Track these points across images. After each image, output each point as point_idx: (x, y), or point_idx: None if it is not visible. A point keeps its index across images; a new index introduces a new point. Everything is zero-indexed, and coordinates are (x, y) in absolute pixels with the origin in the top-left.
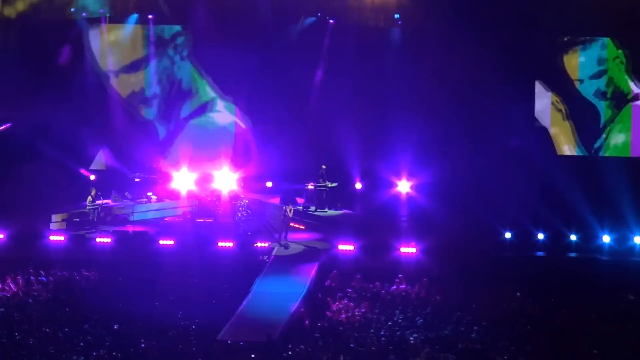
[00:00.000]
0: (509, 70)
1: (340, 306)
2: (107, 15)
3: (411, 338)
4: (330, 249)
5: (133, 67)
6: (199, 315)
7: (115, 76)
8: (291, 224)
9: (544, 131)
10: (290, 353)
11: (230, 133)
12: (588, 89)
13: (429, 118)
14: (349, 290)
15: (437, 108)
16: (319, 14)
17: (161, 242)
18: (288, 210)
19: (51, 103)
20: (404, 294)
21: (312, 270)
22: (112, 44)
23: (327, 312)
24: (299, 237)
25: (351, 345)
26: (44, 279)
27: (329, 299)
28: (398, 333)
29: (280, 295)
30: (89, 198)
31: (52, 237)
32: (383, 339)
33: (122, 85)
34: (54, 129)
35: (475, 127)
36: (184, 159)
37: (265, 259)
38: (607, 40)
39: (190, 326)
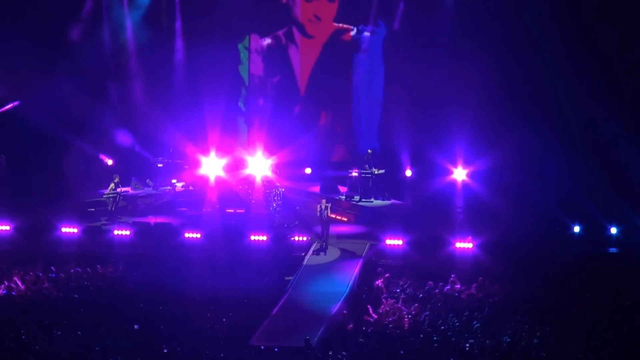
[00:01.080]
0: (572, 43)
1: (387, 308)
2: None
3: (467, 344)
4: (376, 244)
5: (157, 39)
6: (228, 317)
7: (137, 50)
8: (333, 216)
9: None
10: None
11: (265, 114)
12: None
13: (488, 97)
14: (397, 290)
15: (496, 86)
16: None
17: (187, 235)
18: (323, 207)
19: (64, 81)
20: (457, 294)
21: (355, 267)
22: (133, 15)
23: (373, 315)
24: (341, 230)
25: (400, 352)
26: (55, 275)
27: (378, 300)
28: (453, 339)
29: (320, 295)
30: (111, 185)
31: (64, 229)
32: (435, 344)
33: (145, 60)
34: (67, 109)
35: (539, 108)
36: (212, 142)
37: (302, 254)
38: None
39: (219, 329)
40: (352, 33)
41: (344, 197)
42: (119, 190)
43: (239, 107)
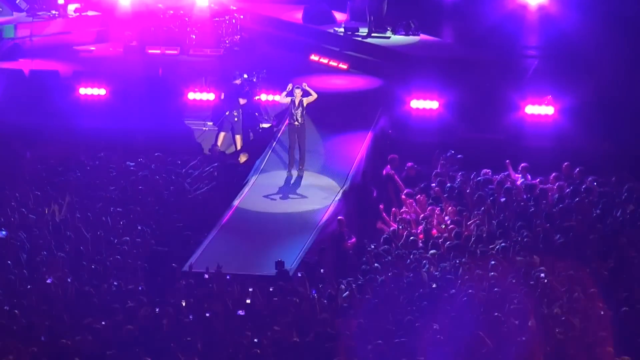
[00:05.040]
0: None
1: (412, 212)
2: None
3: (541, 273)
4: (394, 106)
5: None
6: (153, 226)
7: None
8: (325, 61)
9: None
10: (317, 295)
11: None
12: None
13: None
14: (432, 185)
15: None
16: None
17: (83, 90)
18: (297, 99)
19: None
20: (527, 189)
21: (359, 146)
22: None
23: (389, 223)
24: (338, 86)
25: (432, 285)
26: None
27: (397, 198)
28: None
29: (302, 190)
30: None
31: None
32: (492, 273)
33: None
34: None
35: None
36: None
37: (273, 124)
38: None
39: (137, 247)
40: None
41: (342, 29)
42: None
43: None
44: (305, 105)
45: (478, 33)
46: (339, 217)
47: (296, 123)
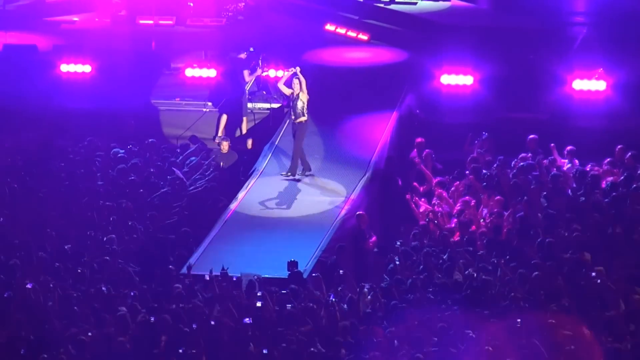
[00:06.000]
0: None
1: (444, 204)
2: None
3: (594, 274)
4: (422, 83)
5: None
6: (146, 222)
7: None
8: (342, 31)
9: None
10: (335, 300)
11: None
12: None
13: None
14: (467, 171)
15: None
16: None
17: (65, 67)
18: (296, 87)
19: None
20: (578, 176)
21: (382, 128)
22: None
23: (419, 213)
24: (358, 60)
25: (467, 291)
26: None
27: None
28: (566, 264)
29: (316, 180)
30: None
31: None
32: (536, 272)
33: None
34: None
35: None
36: None
37: (283, 105)
38: None
39: (128, 246)
40: None
41: None
42: None
43: None
44: (305, 103)
45: None
46: (358, 213)
47: (298, 120)
